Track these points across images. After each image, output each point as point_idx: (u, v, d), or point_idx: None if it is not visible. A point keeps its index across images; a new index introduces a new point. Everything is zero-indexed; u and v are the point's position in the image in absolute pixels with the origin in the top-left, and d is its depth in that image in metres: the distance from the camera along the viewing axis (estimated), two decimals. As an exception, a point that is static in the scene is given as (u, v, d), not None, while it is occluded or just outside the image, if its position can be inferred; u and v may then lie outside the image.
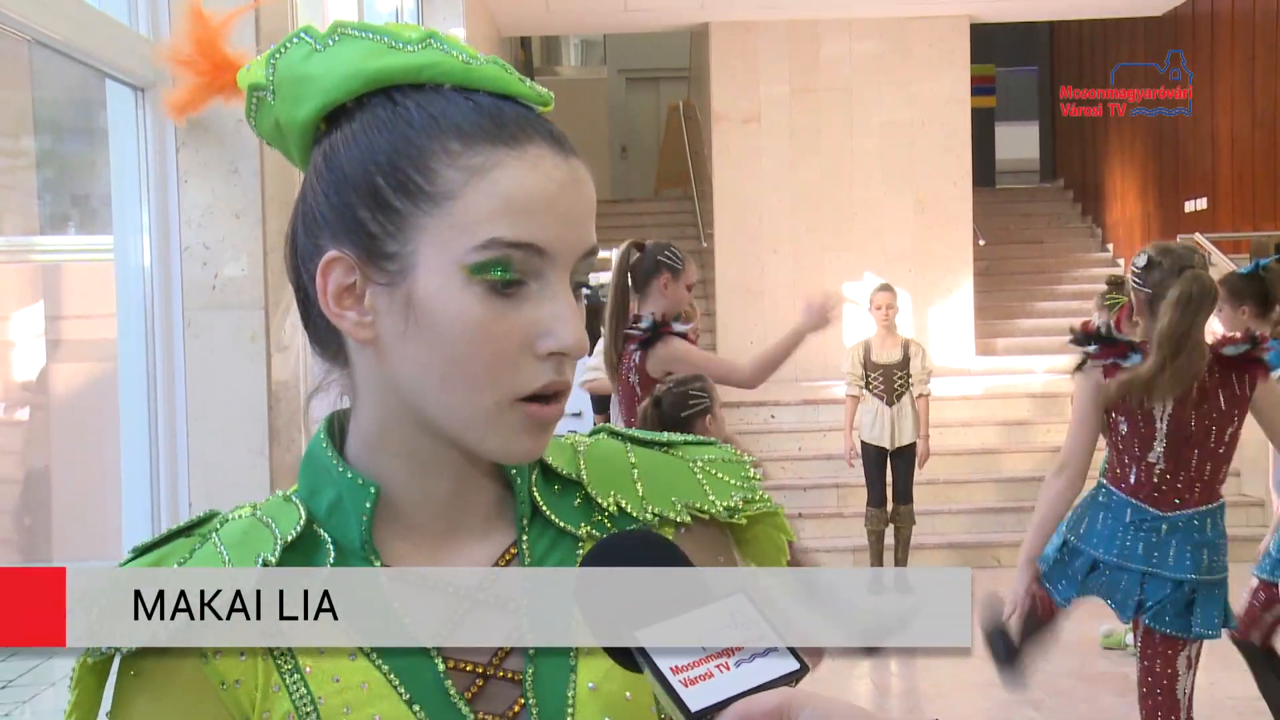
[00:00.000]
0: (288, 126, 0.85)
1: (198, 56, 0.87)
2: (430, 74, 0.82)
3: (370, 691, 0.82)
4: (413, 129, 0.81)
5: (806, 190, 11.17)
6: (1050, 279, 12.71)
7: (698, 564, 0.89)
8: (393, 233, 0.80)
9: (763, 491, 0.93)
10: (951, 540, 8.35)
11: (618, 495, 0.90)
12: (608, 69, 18.01)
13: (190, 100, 0.89)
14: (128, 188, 2.67)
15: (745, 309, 11.09)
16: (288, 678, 0.82)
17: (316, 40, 0.84)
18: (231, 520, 0.87)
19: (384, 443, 0.85)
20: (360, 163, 0.81)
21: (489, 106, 0.82)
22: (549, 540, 0.88)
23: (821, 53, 11.23)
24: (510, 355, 0.80)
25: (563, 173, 0.81)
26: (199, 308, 2.70)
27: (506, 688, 0.84)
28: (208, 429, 2.71)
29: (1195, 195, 11.66)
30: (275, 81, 0.84)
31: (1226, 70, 11.19)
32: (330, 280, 0.82)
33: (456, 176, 0.80)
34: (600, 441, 0.94)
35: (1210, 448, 3.17)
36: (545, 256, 0.80)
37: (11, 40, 2.71)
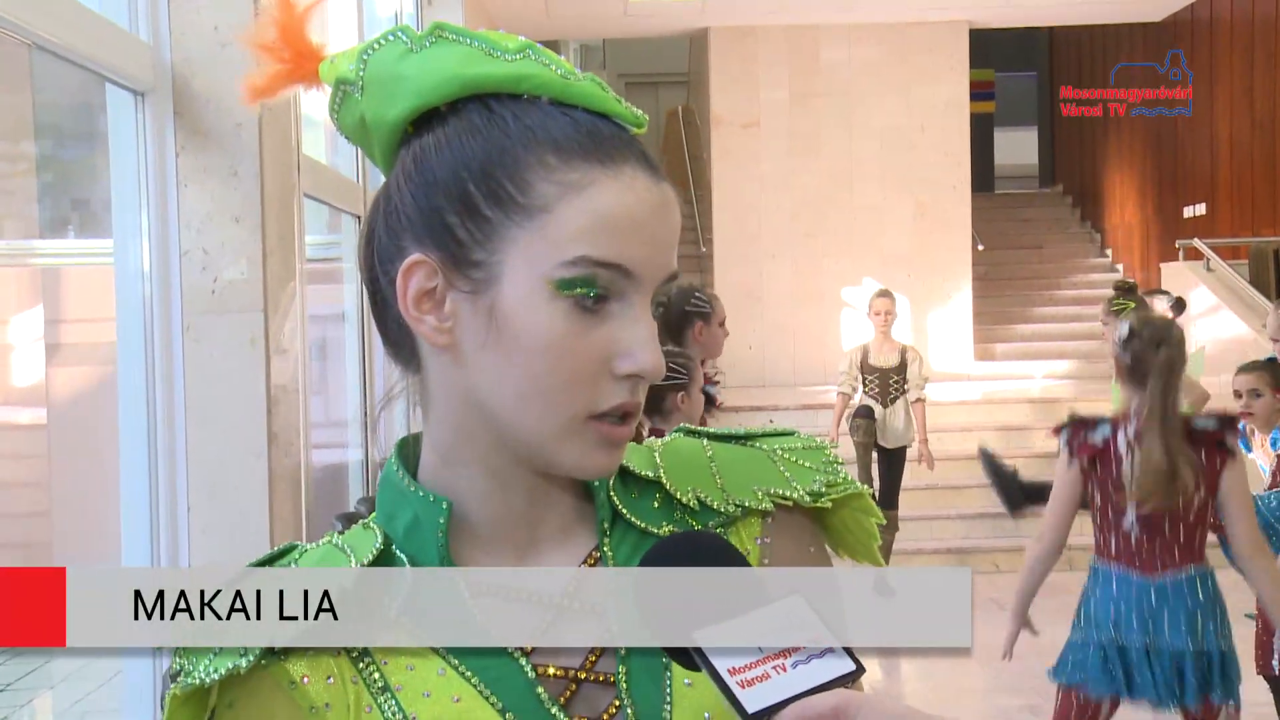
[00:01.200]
0: (375, 125, 0.84)
1: (282, 44, 0.86)
2: (528, 85, 0.82)
3: (463, 704, 0.82)
4: (509, 139, 0.80)
5: (806, 195, 11.18)
6: (1049, 284, 12.72)
7: (788, 553, 0.89)
8: (481, 241, 0.80)
9: (845, 473, 0.92)
10: (949, 545, 8.35)
11: (697, 489, 0.89)
12: (607, 74, 18.02)
13: (268, 86, 0.88)
14: (127, 192, 2.67)
15: (744, 314, 11.08)
16: (379, 697, 0.82)
17: (412, 41, 0.83)
18: (310, 550, 0.87)
19: (459, 453, 0.85)
20: (452, 167, 0.81)
21: (586, 124, 0.81)
22: (631, 543, 0.88)
23: (821, 58, 11.24)
24: (588, 373, 0.80)
25: (654, 196, 0.82)
26: (198, 312, 2.71)
27: (600, 691, 0.84)
28: (207, 433, 2.71)
29: (1194, 201, 11.67)
30: (365, 78, 0.83)
31: (1225, 76, 11.20)
32: (412, 283, 0.81)
33: (551, 190, 0.79)
34: (676, 440, 0.94)
35: (1178, 514, 3.23)
36: (631, 278, 0.80)
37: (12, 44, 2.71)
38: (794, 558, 0.90)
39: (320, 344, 3.53)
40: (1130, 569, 3.25)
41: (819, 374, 9.31)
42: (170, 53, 2.68)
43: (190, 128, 2.69)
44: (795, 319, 11.03)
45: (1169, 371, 3.22)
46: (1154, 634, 3.18)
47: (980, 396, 9.98)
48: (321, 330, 3.29)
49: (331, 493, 4.18)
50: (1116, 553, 3.28)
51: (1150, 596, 3.21)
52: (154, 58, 2.66)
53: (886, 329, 7.11)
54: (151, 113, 2.66)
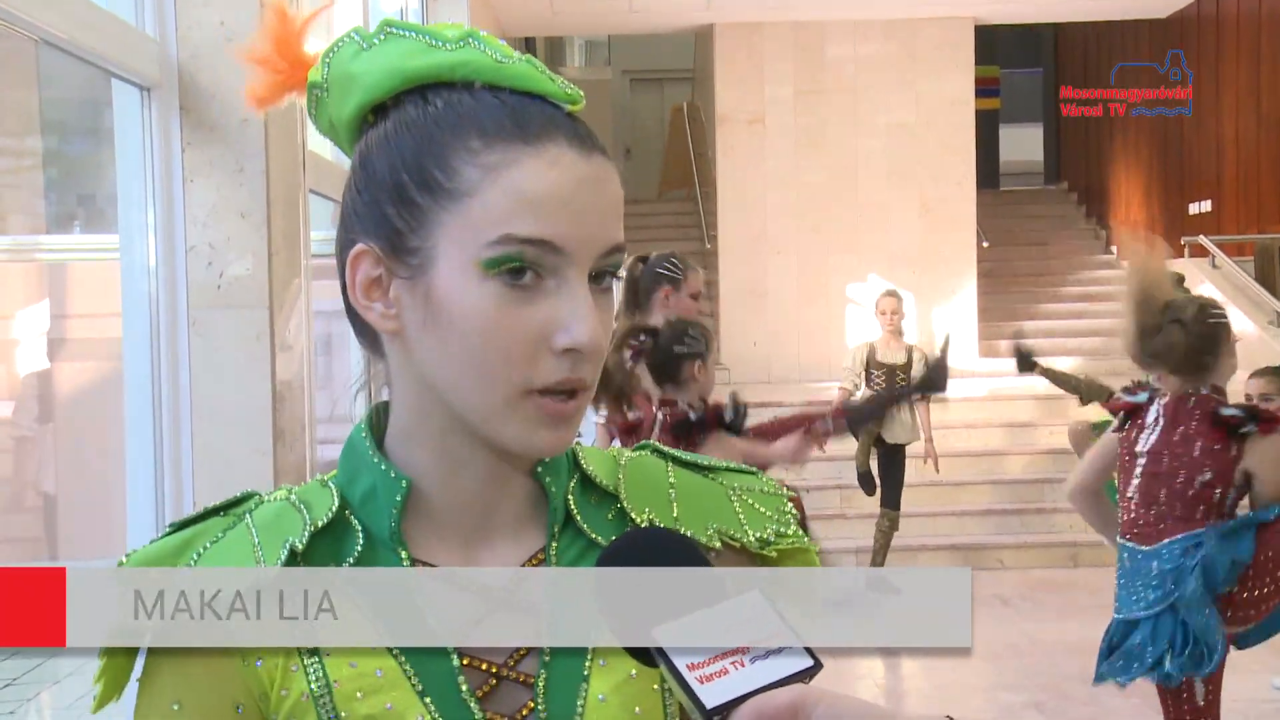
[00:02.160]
0: (337, 123, 0.88)
1: (275, 55, 0.90)
2: (462, 72, 0.84)
3: (385, 679, 0.83)
4: (438, 127, 0.83)
5: (811, 192, 11.17)
6: (1054, 281, 12.70)
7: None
8: (415, 228, 0.82)
9: (796, 527, 0.93)
10: (954, 542, 8.35)
11: (652, 513, 0.90)
12: (612, 70, 18.01)
13: (267, 95, 0.91)
14: (133, 187, 2.67)
15: (749, 311, 11.09)
16: (305, 658, 0.84)
17: (364, 39, 0.86)
18: (267, 502, 0.89)
19: (417, 435, 0.87)
20: (388, 159, 0.84)
21: (514, 104, 0.83)
22: (579, 549, 0.89)
23: (826, 54, 11.23)
24: (524, 350, 0.81)
25: (582, 170, 0.82)
26: (204, 307, 2.71)
27: (518, 690, 0.85)
28: (212, 428, 2.71)
29: (1200, 198, 11.65)
30: (329, 79, 0.87)
31: (1231, 72, 11.18)
32: (358, 272, 0.85)
33: (474, 173, 0.81)
34: (643, 458, 0.95)
35: (1178, 488, 3.25)
36: (562, 253, 0.81)
37: (19, 40, 2.72)
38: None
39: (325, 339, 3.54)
40: (1132, 542, 3.30)
41: (824, 370, 9.31)
42: (176, 48, 2.68)
43: (196, 123, 2.69)
44: (800, 315, 11.02)
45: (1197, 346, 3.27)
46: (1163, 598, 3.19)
47: (985, 393, 9.97)
48: (326, 326, 3.30)
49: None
50: (1126, 524, 3.34)
51: (1151, 566, 3.24)
52: (160, 53, 2.66)
53: (894, 328, 7.13)
54: (157, 108, 2.66)
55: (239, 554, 0.85)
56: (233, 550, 0.85)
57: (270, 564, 0.83)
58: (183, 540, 0.86)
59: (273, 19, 0.90)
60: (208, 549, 0.85)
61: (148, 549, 0.86)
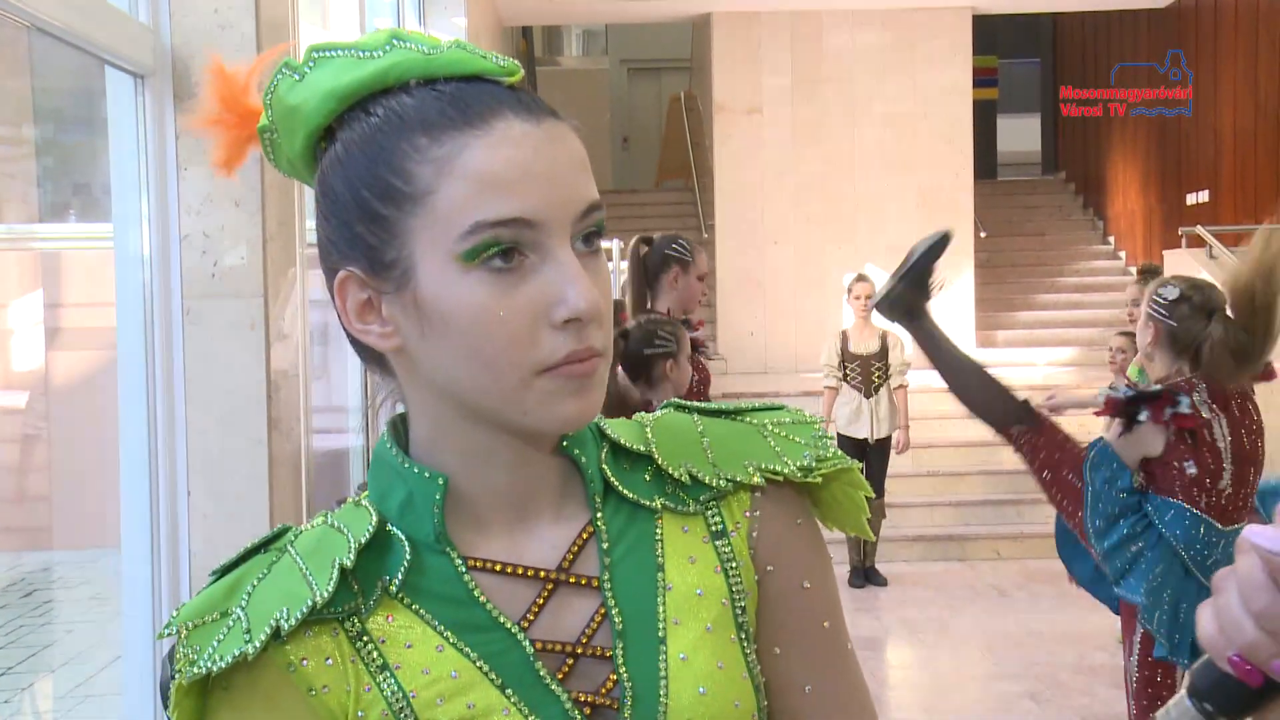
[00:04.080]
0: (294, 160, 0.88)
1: (225, 112, 0.89)
2: (394, 75, 0.83)
3: (462, 680, 0.82)
4: (383, 134, 0.82)
5: (808, 181, 11.16)
6: (1051, 271, 12.70)
7: (777, 527, 0.90)
8: (387, 240, 0.81)
9: (834, 449, 0.92)
10: (950, 533, 8.35)
11: (689, 464, 0.90)
12: (609, 59, 17.98)
13: (230, 156, 0.90)
14: (127, 176, 2.66)
15: (746, 300, 11.09)
16: (378, 676, 0.82)
17: (295, 70, 0.85)
18: (306, 531, 0.88)
19: (440, 442, 0.86)
20: (345, 180, 0.83)
21: (451, 92, 0.82)
22: (625, 515, 0.88)
23: (824, 44, 11.21)
24: (525, 331, 0.80)
25: (535, 138, 0.81)
26: (198, 296, 2.70)
27: (597, 665, 0.85)
28: (207, 418, 2.70)
29: (1197, 188, 11.65)
30: (275, 119, 0.86)
31: (1229, 63, 11.16)
32: (348, 299, 0.84)
33: (428, 171, 0.80)
34: (667, 415, 0.94)
35: (1260, 461, 3.20)
36: (537, 226, 0.79)
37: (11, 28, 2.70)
38: (782, 531, 0.90)
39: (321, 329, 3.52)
40: (1213, 518, 3.11)
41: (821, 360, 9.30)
42: (170, 35, 2.66)
43: (190, 111, 2.67)
44: (797, 305, 11.02)
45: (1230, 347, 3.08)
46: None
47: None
48: (323, 315, 3.28)
49: (332, 478, 4.18)
50: (1205, 508, 3.13)
51: (1220, 544, 3.10)
52: (154, 40, 2.64)
53: (866, 314, 7.08)
54: (151, 96, 2.64)
55: (290, 583, 0.83)
56: (282, 581, 0.83)
57: (322, 587, 0.81)
58: (230, 584, 0.85)
59: (215, 79, 0.89)
60: (257, 586, 0.84)
61: (196, 601, 0.84)
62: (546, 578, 0.85)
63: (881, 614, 6.92)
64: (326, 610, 0.82)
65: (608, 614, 0.85)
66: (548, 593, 0.85)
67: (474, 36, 7.70)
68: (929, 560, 8.11)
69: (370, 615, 0.83)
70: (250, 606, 0.82)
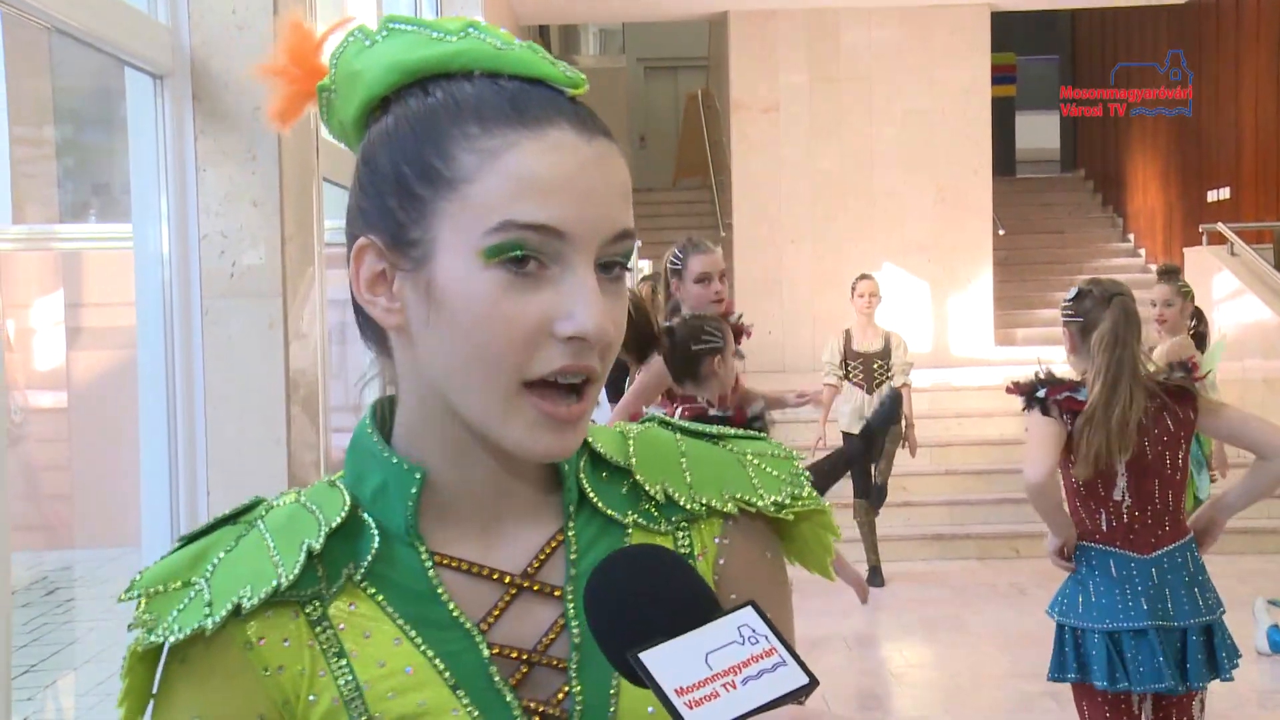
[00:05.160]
0: (345, 123, 0.88)
1: (291, 65, 0.89)
2: (461, 62, 0.83)
3: (415, 676, 0.82)
4: (437, 116, 0.81)
5: (826, 179, 11.13)
6: (1070, 269, 12.64)
7: (744, 557, 0.89)
8: (415, 219, 0.81)
9: (810, 489, 0.92)
10: (969, 531, 8.33)
11: (666, 483, 0.89)
12: (626, 58, 17.98)
13: (287, 108, 0.90)
14: (146, 176, 2.67)
15: (764, 298, 11.07)
16: (333, 662, 0.82)
17: (367, 37, 0.86)
18: (276, 507, 0.88)
19: (425, 430, 0.86)
20: (389, 153, 0.83)
21: (512, 90, 0.82)
22: (596, 527, 0.88)
23: (841, 41, 11.18)
24: (527, 337, 0.79)
25: (585, 153, 0.80)
26: (217, 295, 2.71)
27: (551, 675, 0.84)
28: (226, 417, 2.71)
29: (1218, 185, 11.58)
30: (336, 80, 0.86)
31: (1251, 58, 11.09)
32: (362, 266, 0.83)
33: (472, 160, 0.79)
34: (650, 430, 0.94)
35: (1168, 474, 3.15)
36: (565, 239, 0.79)
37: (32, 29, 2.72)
38: (749, 562, 0.90)
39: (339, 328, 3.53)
40: (1125, 550, 3.13)
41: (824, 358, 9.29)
42: (189, 36, 2.67)
43: (209, 111, 2.68)
44: (815, 304, 11.00)
45: (1124, 329, 3.13)
46: (1162, 615, 3.08)
47: (1001, 381, 9.84)
48: (341, 315, 3.29)
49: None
50: (1109, 532, 3.15)
51: (1152, 575, 3.12)
52: (173, 41, 2.65)
53: (870, 312, 7.10)
54: (170, 96, 2.65)
55: (255, 560, 0.83)
56: (248, 557, 0.84)
57: (288, 569, 0.82)
58: (197, 551, 0.85)
59: (289, 32, 0.89)
60: (222, 558, 0.84)
61: (160, 564, 0.85)
62: (511, 582, 0.85)
63: (899, 612, 6.91)
64: (289, 592, 0.82)
65: (567, 625, 0.85)
66: (510, 597, 0.85)
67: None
68: (947, 558, 8.09)
69: (333, 601, 0.83)
70: (214, 579, 0.83)
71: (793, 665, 0.70)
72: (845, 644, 6.21)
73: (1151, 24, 12.67)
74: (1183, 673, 3.10)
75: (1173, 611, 3.10)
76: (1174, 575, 3.12)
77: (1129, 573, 3.13)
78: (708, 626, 0.71)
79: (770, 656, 0.70)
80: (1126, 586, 3.12)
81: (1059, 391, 3.18)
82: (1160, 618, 3.08)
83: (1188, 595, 3.12)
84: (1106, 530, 3.16)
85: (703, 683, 0.68)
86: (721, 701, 0.68)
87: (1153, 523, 3.15)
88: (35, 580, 5.34)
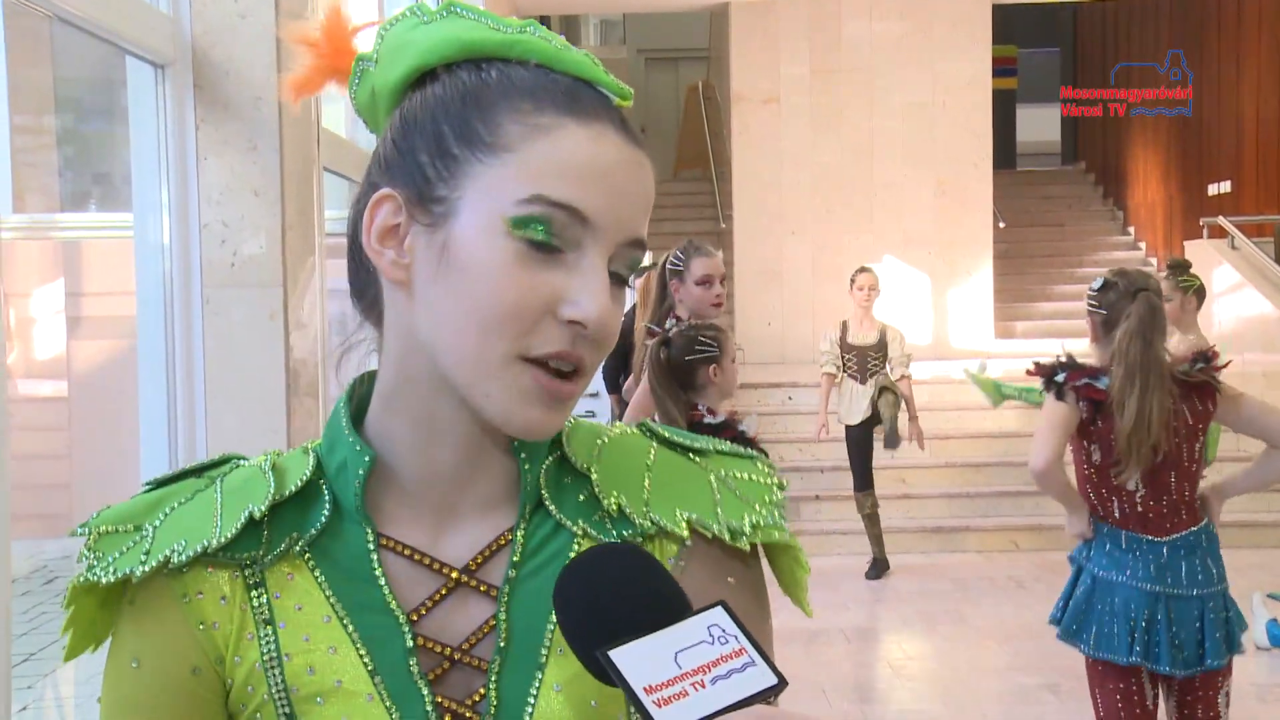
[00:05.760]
0: (381, 90, 0.88)
1: (324, 40, 0.90)
2: (520, 49, 0.85)
3: (337, 656, 0.83)
4: (489, 89, 0.83)
5: (826, 171, 11.12)
6: (1071, 262, 12.64)
7: (700, 583, 0.86)
8: (445, 177, 0.82)
9: (779, 520, 0.89)
10: (968, 523, 8.33)
11: (620, 496, 0.88)
12: (627, 49, 17.94)
13: (308, 81, 0.91)
14: (147, 165, 2.67)
15: (764, 290, 11.07)
16: (260, 628, 0.84)
17: (424, 14, 0.87)
18: (242, 467, 0.89)
19: (399, 399, 0.86)
20: (431, 111, 0.84)
21: (567, 84, 0.83)
22: (547, 531, 0.87)
23: (842, 33, 11.17)
24: (530, 313, 0.79)
25: (624, 154, 0.82)
26: (218, 285, 2.71)
27: (471, 675, 0.84)
28: (226, 406, 2.71)
29: (1219, 178, 11.57)
30: (380, 51, 0.87)
31: (1252, 51, 11.08)
32: (377, 216, 0.84)
33: (518, 130, 0.81)
34: (627, 436, 0.93)
35: (1184, 467, 3.15)
36: (587, 226, 0.80)
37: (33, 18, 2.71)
38: (708, 587, 0.85)
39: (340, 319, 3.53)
40: (1139, 533, 3.15)
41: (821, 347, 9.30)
42: (190, 25, 2.67)
43: (210, 101, 2.68)
44: (815, 296, 11.00)
45: (1148, 323, 3.11)
46: (1172, 584, 3.09)
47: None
48: (341, 305, 3.29)
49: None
50: (1122, 518, 3.17)
51: (1163, 552, 3.13)
52: (174, 30, 2.65)
53: (868, 305, 7.10)
54: (171, 86, 2.65)
55: (200, 517, 0.85)
56: (195, 513, 0.85)
57: (226, 529, 0.83)
58: (155, 499, 0.87)
59: (330, 15, 0.91)
60: (173, 510, 0.86)
61: (120, 505, 0.87)
62: (450, 575, 0.85)
63: (898, 605, 6.92)
64: (224, 554, 0.84)
65: (496, 626, 0.84)
66: (447, 590, 0.85)
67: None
68: (946, 551, 8.10)
69: (271, 567, 0.85)
70: (161, 528, 0.85)
71: (762, 666, 0.70)
72: (844, 637, 6.21)
73: (1153, 16, 12.65)
74: (1200, 653, 3.10)
75: (1185, 581, 3.11)
76: (1187, 551, 3.14)
77: (1141, 546, 3.15)
78: (677, 625, 0.71)
79: (740, 657, 0.70)
80: (1137, 551, 3.15)
81: (1078, 377, 3.18)
82: (1172, 586, 3.10)
83: (1201, 568, 3.13)
84: (1119, 516, 3.18)
85: (671, 681, 0.69)
86: (690, 700, 0.68)
87: (1168, 511, 3.16)
88: (34, 569, 5.34)
